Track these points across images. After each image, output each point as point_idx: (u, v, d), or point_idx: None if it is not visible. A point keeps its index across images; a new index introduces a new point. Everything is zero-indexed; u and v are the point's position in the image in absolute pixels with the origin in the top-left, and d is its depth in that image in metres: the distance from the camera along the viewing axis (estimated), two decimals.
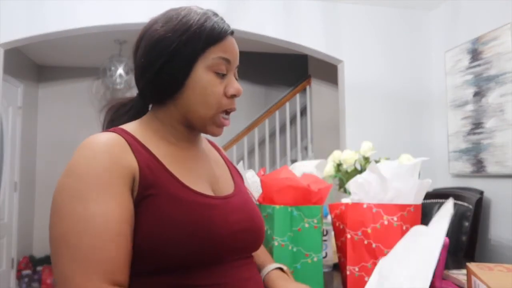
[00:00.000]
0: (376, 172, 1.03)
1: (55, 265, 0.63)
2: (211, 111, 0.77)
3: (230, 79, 0.79)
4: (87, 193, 0.65)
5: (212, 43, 0.76)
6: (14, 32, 2.74)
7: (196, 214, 0.71)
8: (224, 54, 0.77)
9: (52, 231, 0.65)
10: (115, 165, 0.68)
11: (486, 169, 2.62)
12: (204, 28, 0.76)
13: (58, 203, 0.66)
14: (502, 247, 2.49)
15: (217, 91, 0.77)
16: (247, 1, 3.02)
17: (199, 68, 0.76)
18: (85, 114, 4.94)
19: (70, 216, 0.64)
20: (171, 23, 0.77)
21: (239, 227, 0.77)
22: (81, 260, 0.62)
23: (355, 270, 1.01)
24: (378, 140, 2.41)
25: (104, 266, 0.62)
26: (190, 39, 0.75)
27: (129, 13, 2.87)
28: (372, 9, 3.24)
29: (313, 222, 1.09)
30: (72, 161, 0.69)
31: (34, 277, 4.31)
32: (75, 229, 0.63)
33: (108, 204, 0.65)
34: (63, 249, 0.63)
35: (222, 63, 0.77)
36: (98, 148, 0.69)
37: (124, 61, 4.34)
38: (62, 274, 0.62)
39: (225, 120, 0.80)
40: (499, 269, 0.93)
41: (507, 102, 2.47)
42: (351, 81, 3.19)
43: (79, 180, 0.66)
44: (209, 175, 0.83)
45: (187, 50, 0.75)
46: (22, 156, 4.32)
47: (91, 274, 0.61)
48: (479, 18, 2.75)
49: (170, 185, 0.72)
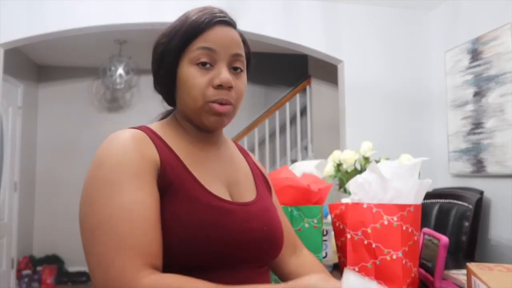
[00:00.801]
0: (376, 172, 1.03)
1: (91, 253, 0.64)
2: (197, 103, 0.76)
3: (219, 70, 0.76)
4: (122, 182, 0.67)
5: (192, 37, 0.76)
6: (14, 32, 2.74)
7: (211, 218, 0.71)
8: (204, 43, 0.76)
9: (86, 220, 0.67)
10: (143, 158, 0.71)
11: (486, 169, 2.62)
12: (185, 24, 0.78)
13: (92, 193, 0.68)
14: (502, 247, 2.49)
15: (199, 82, 0.76)
16: (247, 1, 3.02)
17: (183, 64, 0.77)
18: (85, 114, 4.95)
19: (108, 205, 0.65)
20: (166, 28, 0.81)
21: (254, 235, 0.76)
22: (122, 245, 0.63)
23: (355, 270, 1.01)
24: (378, 140, 2.41)
25: (143, 249, 0.64)
26: (174, 37, 0.78)
27: (129, 13, 2.87)
28: (372, 9, 3.24)
29: (313, 222, 1.09)
30: (101, 154, 0.71)
31: (34, 277, 4.31)
32: (114, 217, 0.65)
33: (141, 193, 0.67)
34: (102, 236, 0.64)
35: (202, 53, 0.76)
36: (126, 141, 0.72)
37: (124, 61, 4.33)
38: (103, 260, 0.63)
39: (219, 106, 0.76)
40: (499, 269, 0.93)
41: (507, 102, 2.47)
42: (351, 81, 3.18)
43: (112, 171, 0.68)
44: (228, 179, 0.82)
45: (170, 50, 0.78)
46: (22, 156, 4.32)
47: (133, 257, 0.63)
48: (479, 18, 2.75)
49: (189, 184, 0.73)
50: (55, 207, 4.75)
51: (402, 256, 0.98)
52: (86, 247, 0.66)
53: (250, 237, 0.75)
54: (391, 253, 0.98)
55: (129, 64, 4.34)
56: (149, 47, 0.84)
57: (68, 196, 4.71)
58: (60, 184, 4.77)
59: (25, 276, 4.25)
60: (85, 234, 0.66)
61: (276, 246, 0.82)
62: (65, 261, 4.65)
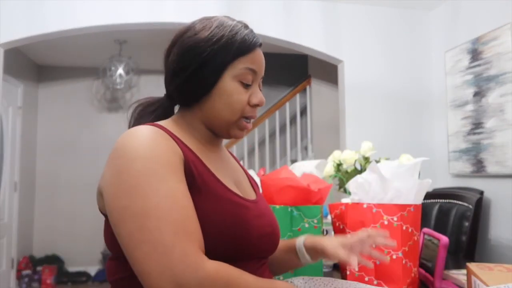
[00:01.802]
0: (376, 172, 1.03)
1: (142, 240, 0.64)
2: (234, 117, 0.81)
3: (255, 89, 0.83)
4: (162, 171, 0.68)
5: (241, 54, 0.80)
6: (14, 32, 2.74)
7: (232, 213, 0.75)
8: (251, 65, 0.81)
9: (127, 211, 0.66)
10: (173, 151, 0.72)
11: (486, 169, 2.62)
12: (235, 39, 0.80)
13: (129, 184, 0.67)
14: (502, 247, 2.49)
15: (242, 99, 0.81)
16: (247, 1, 3.02)
17: (227, 77, 0.80)
18: (85, 114, 4.94)
19: (154, 193, 0.66)
20: (204, 32, 0.80)
21: (265, 231, 0.81)
22: (178, 231, 0.65)
23: (355, 270, 1.01)
24: (378, 140, 2.41)
25: (197, 236, 0.67)
26: (221, 49, 0.79)
27: (129, 13, 2.87)
28: (372, 9, 3.24)
29: (313, 222, 1.09)
30: (129, 146, 0.70)
31: (34, 277, 4.31)
32: (164, 204, 0.66)
33: (180, 183, 0.70)
34: (154, 223, 0.64)
35: (248, 73, 0.81)
36: (154, 135, 0.73)
37: (124, 61, 4.33)
38: (160, 246, 0.63)
39: (247, 124, 0.84)
40: (499, 269, 0.93)
41: (507, 102, 2.47)
42: (351, 81, 3.19)
43: (149, 161, 0.69)
44: (234, 178, 0.87)
45: (217, 59, 0.79)
46: (22, 156, 4.32)
47: (191, 241, 0.65)
48: (479, 18, 2.75)
49: (209, 181, 0.76)
50: (55, 207, 4.75)
51: (402, 256, 0.98)
52: (133, 236, 0.65)
53: (263, 232, 0.80)
54: (391, 253, 0.98)
55: (129, 64, 4.34)
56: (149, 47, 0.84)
57: (68, 196, 4.71)
58: (60, 184, 4.77)
59: (25, 276, 4.25)
60: (130, 223, 0.66)
61: (278, 241, 0.88)
62: (65, 261, 4.65)
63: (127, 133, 0.74)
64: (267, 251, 0.84)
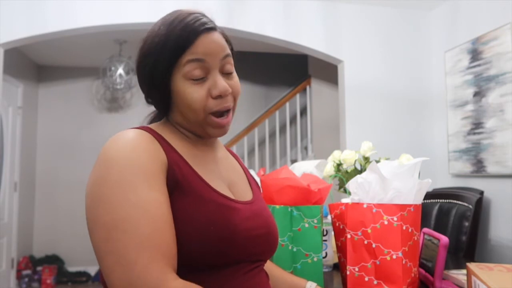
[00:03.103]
0: (376, 172, 1.03)
1: (107, 251, 0.63)
2: (199, 116, 0.77)
3: (214, 79, 0.76)
4: (136, 181, 0.66)
5: (181, 49, 0.74)
6: (14, 32, 2.74)
7: (219, 215, 0.72)
8: (194, 56, 0.75)
9: (98, 220, 0.65)
10: (153, 157, 0.70)
11: (486, 169, 2.62)
12: (170, 37, 0.75)
13: (104, 193, 0.66)
14: (502, 247, 2.49)
15: (197, 96, 0.75)
16: (247, 1, 3.02)
17: (177, 80, 0.76)
18: (85, 114, 4.94)
19: (124, 204, 0.64)
20: (148, 39, 0.78)
21: (258, 233, 0.78)
22: (143, 244, 0.62)
23: (355, 270, 1.01)
24: (378, 140, 2.41)
25: (164, 249, 0.64)
26: (160, 52, 0.75)
27: (129, 13, 2.87)
28: (372, 9, 3.24)
29: (313, 222, 1.09)
30: (109, 153, 0.69)
31: (34, 277, 4.31)
32: (132, 216, 0.64)
33: (156, 192, 0.67)
34: (121, 235, 0.63)
35: (194, 66, 0.75)
36: (135, 141, 0.71)
37: (124, 61, 4.33)
38: (123, 259, 0.61)
39: (221, 120, 0.78)
40: (499, 269, 0.93)
41: (507, 102, 2.47)
42: (351, 81, 3.19)
43: (125, 170, 0.67)
44: (228, 179, 0.84)
45: (160, 64, 0.76)
46: (22, 156, 4.32)
47: (156, 256, 0.62)
48: (479, 18, 2.75)
49: (196, 183, 0.73)
50: (55, 207, 4.75)
51: (402, 256, 0.98)
52: (100, 246, 0.64)
53: (254, 234, 0.77)
54: (391, 253, 0.98)
55: (129, 64, 4.34)
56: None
57: (68, 196, 4.71)
58: (60, 184, 4.77)
59: (25, 276, 4.25)
60: (99, 233, 0.64)
61: (275, 243, 0.85)
62: (65, 261, 4.65)
63: (112, 138, 0.72)
64: (260, 253, 0.80)
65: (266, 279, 0.83)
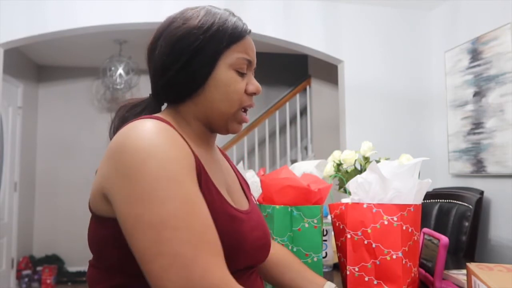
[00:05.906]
0: (376, 172, 1.03)
1: (159, 252, 0.57)
2: (233, 108, 0.77)
3: (250, 78, 0.80)
4: (181, 174, 0.62)
5: (234, 41, 0.76)
6: (14, 32, 2.74)
7: (231, 227, 0.70)
8: (246, 54, 0.78)
9: (143, 220, 0.58)
10: (186, 151, 0.67)
11: (486, 169, 2.62)
12: (226, 26, 0.75)
13: (142, 189, 0.59)
14: (502, 247, 2.49)
15: (240, 88, 0.77)
16: (246, 1, 3.02)
17: (221, 66, 0.75)
18: (85, 114, 4.94)
19: (170, 199, 0.59)
20: (192, 21, 0.74)
21: (259, 243, 0.78)
22: (198, 243, 0.58)
23: (355, 270, 1.01)
24: (378, 140, 2.41)
25: (219, 247, 0.61)
26: (214, 37, 0.74)
27: (129, 13, 2.87)
28: (372, 9, 3.24)
29: (313, 222, 1.09)
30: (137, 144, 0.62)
31: (34, 277, 4.31)
32: (182, 211, 0.59)
33: (197, 186, 0.64)
34: (171, 234, 0.57)
35: (243, 62, 0.77)
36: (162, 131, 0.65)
37: (124, 61, 4.33)
38: (179, 261, 0.56)
39: (246, 116, 0.81)
40: (499, 269, 0.93)
41: (507, 102, 2.47)
42: (351, 81, 3.19)
43: (164, 162, 0.61)
44: (226, 184, 0.81)
45: (211, 47, 0.74)
46: (22, 156, 4.32)
47: (214, 254, 0.59)
48: (479, 18, 2.75)
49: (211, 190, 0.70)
50: (55, 207, 4.75)
51: (402, 256, 0.98)
52: (148, 249, 0.58)
53: (258, 245, 0.77)
54: (391, 253, 0.98)
55: (129, 64, 4.34)
56: None
57: (68, 196, 4.71)
58: (60, 184, 4.77)
59: (25, 276, 4.25)
60: (145, 234, 0.58)
61: (269, 249, 0.86)
62: (65, 261, 4.65)
63: (129, 128, 0.65)
64: (259, 261, 0.81)
65: (260, 282, 0.83)
